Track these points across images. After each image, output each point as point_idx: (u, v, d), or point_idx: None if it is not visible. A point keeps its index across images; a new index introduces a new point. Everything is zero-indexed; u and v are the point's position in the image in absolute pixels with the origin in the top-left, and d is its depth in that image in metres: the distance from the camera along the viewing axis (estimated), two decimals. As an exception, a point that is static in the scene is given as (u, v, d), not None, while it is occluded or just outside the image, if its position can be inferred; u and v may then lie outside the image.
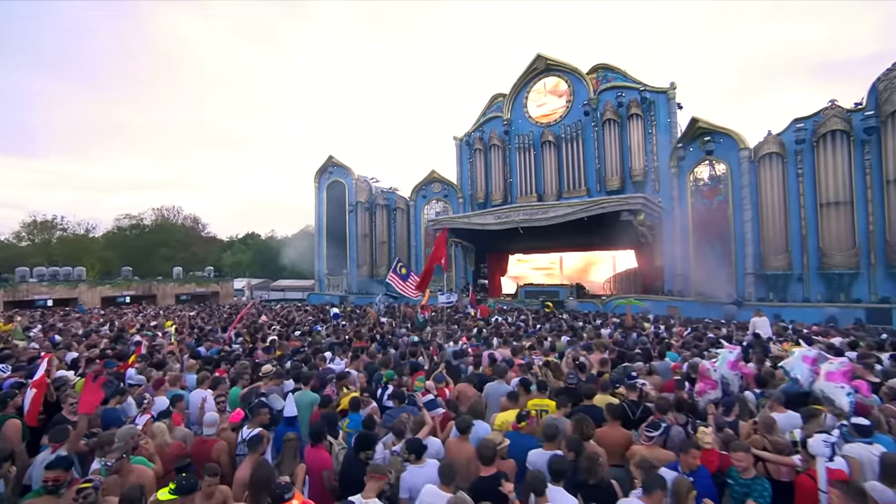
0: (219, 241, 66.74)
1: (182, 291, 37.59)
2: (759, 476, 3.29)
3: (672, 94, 23.37)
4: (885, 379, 5.75)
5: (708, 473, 3.35)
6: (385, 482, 2.96)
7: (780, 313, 17.73)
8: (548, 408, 4.76)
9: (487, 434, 3.96)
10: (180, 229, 54.68)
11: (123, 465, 3.32)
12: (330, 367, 6.83)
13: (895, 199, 16.73)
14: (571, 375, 5.34)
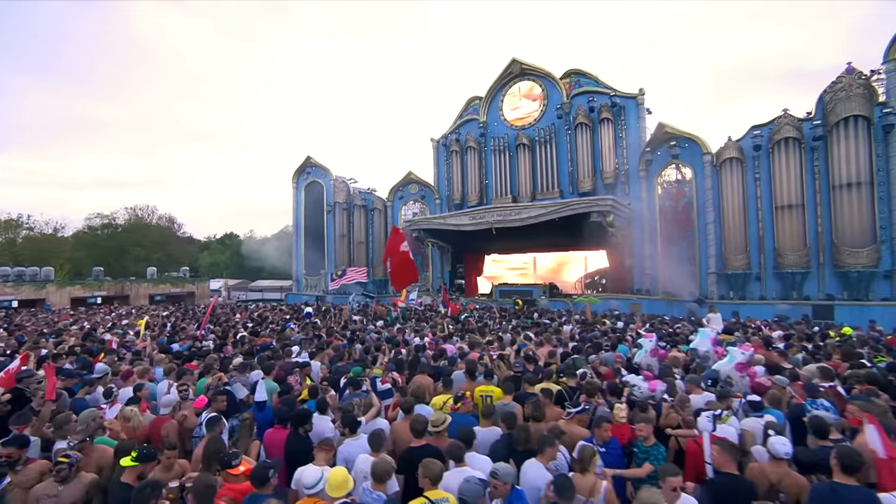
0: (196, 241, 65.72)
1: (156, 292, 37.04)
2: (658, 444, 3.77)
3: (641, 100, 24.21)
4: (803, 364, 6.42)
5: (618, 444, 3.81)
6: (333, 454, 3.33)
7: (739, 310, 18.62)
8: (493, 394, 5.19)
9: (430, 414, 4.35)
10: (155, 229, 53.62)
11: (86, 446, 3.59)
12: (296, 360, 7.15)
13: (841, 203, 17.77)
14: (517, 365, 5.77)
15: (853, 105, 17.45)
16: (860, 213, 17.44)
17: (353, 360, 7.07)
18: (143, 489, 2.64)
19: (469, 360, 6.11)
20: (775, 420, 4.13)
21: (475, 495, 2.67)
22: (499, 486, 2.80)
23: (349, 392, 5.01)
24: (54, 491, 3.05)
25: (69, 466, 3.09)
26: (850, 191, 17.61)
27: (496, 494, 2.84)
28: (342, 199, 31.61)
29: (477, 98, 28.51)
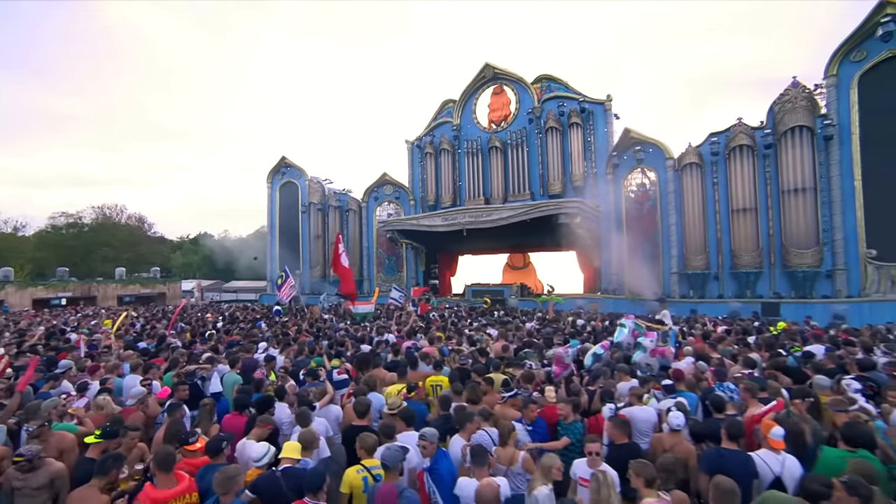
0: (167, 241, 64.39)
1: (125, 293, 36.27)
2: (575, 421, 4.28)
3: (609, 106, 25.07)
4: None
5: (544, 423, 4.30)
6: (268, 430, 3.73)
7: (697, 308, 19.58)
8: (442, 383, 5.64)
9: (380, 402, 4.77)
10: (124, 229, 52.33)
11: (44, 432, 3.84)
12: (261, 355, 7.47)
13: (789, 208, 18.89)
14: (462, 358, 6.26)
15: (798, 116, 18.59)
16: (805, 216, 18.58)
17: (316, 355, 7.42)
18: (106, 460, 2.95)
19: (423, 353, 6.55)
20: (685, 401, 4.67)
21: (394, 459, 3.13)
22: (427, 445, 3.32)
23: (308, 382, 5.40)
24: (22, 476, 3.32)
25: (28, 461, 3.34)
26: (797, 196, 18.73)
27: (425, 453, 3.37)
28: (317, 199, 31.68)
29: (451, 101, 29.03)
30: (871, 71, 17.64)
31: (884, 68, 17.39)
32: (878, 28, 17.00)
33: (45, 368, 6.49)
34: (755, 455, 3.49)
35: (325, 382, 5.12)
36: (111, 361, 6.59)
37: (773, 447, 3.49)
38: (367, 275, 31.30)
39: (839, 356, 6.58)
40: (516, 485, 3.49)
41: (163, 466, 3.03)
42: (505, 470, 3.56)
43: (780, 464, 3.41)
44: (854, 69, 17.98)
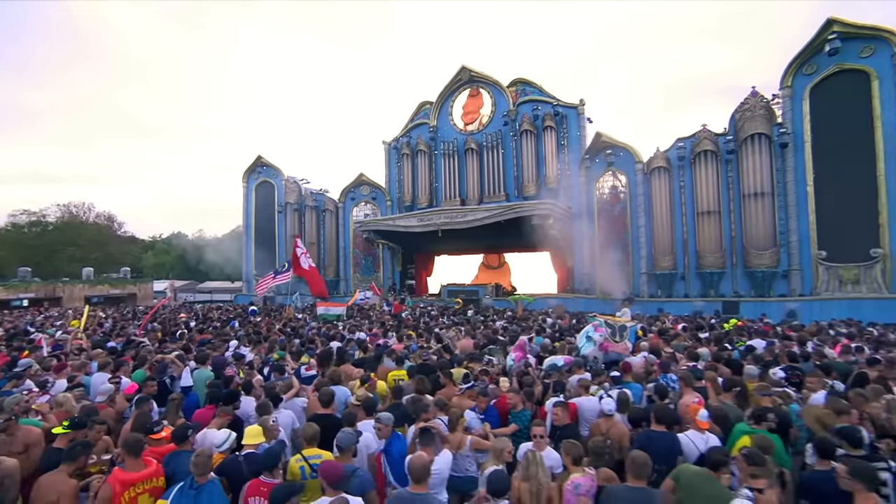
0: (138, 240, 62.73)
1: (93, 293, 35.23)
2: (524, 410, 4.60)
3: (581, 110, 25.69)
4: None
5: (495, 411, 4.62)
6: (228, 419, 3.93)
7: (664, 307, 20.35)
8: (403, 377, 5.91)
9: (345, 394, 5.00)
10: (91, 228, 50.69)
11: (10, 425, 3.93)
12: (231, 352, 7.60)
13: (749, 211, 19.80)
14: (425, 355, 6.55)
15: (757, 124, 19.53)
16: (764, 219, 19.52)
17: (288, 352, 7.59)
18: (75, 447, 3.10)
19: (389, 350, 6.80)
20: (627, 391, 5.04)
21: (347, 441, 3.39)
22: (381, 428, 3.63)
23: (275, 377, 5.59)
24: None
25: None
26: (757, 200, 19.65)
27: (380, 435, 3.71)
28: (293, 199, 31.52)
29: (428, 103, 29.29)
30: (821, 83, 18.69)
31: (832, 81, 18.45)
32: (825, 44, 18.03)
33: (7, 368, 6.49)
34: (682, 435, 3.86)
35: (290, 377, 5.32)
36: (79, 360, 6.62)
37: (699, 428, 3.87)
38: (343, 275, 31.28)
39: (776, 349, 7.11)
40: (464, 467, 3.78)
41: (132, 451, 3.19)
42: (455, 454, 3.85)
43: (704, 442, 3.79)
44: (806, 81, 19.01)
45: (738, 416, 4.21)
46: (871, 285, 17.68)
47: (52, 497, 3.03)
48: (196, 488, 2.94)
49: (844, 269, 18.34)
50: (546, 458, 3.35)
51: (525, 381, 5.31)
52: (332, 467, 2.88)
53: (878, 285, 17.49)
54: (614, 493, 2.78)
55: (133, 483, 3.13)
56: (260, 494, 3.02)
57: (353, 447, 3.39)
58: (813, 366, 5.94)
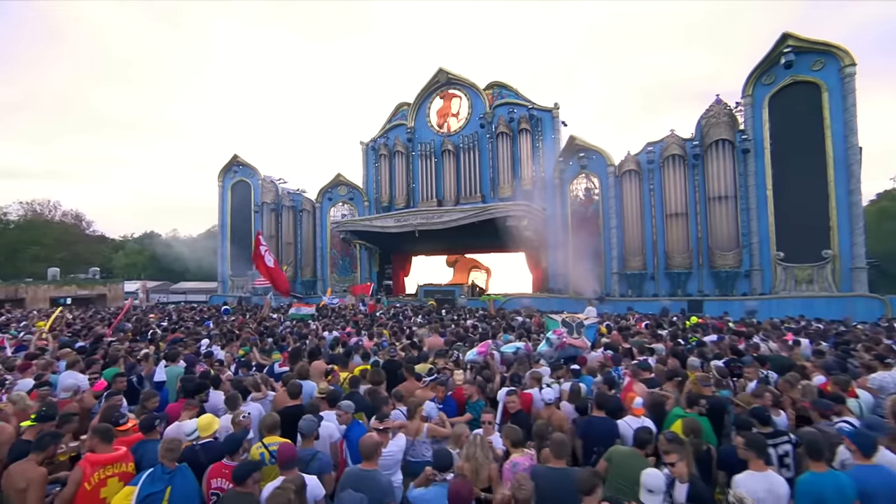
0: (108, 240, 61.01)
1: (59, 294, 34.17)
2: (479, 400, 4.93)
3: (556, 113, 26.28)
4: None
5: (454, 402, 4.93)
6: (195, 411, 4.13)
7: (633, 306, 21.06)
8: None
9: (312, 388, 5.24)
10: (57, 227, 49.04)
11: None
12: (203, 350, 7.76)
13: (714, 213, 20.68)
14: (392, 351, 6.84)
15: (721, 130, 20.42)
16: (728, 221, 20.40)
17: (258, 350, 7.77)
18: (44, 437, 3.26)
19: (359, 346, 7.05)
20: (581, 384, 5.40)
21: (308, 427, 3.65)
22: (342, 415, 3.89)
23: (242, 372, 5.78)
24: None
25: None
26: (721, 203, 20.52)
27: (341, 421, 3.98)
28: (270, 199, 31.29)
29: (405, 104, 29.49)
30: (779, 93, 19.68)
31: (788, 91, 19.47)
32: (781, 57, 19.01)
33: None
34: (621, 421, 4.23)
35: (256, 373, 5.53)
36: (45, 359, 6.64)
37: (634, 414, 4.25)
38: (320, 275, 31.20)
39: (723, 344, 7.63)
40: (421, 452, 4.08)
41: (103, 438, 3.36)
42: (413, 441, 4.15)
43: (639, 426, 4.16)
44: (765, 91, 19.98)
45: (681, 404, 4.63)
46: (822, 284, 18.71)
47: (21, 485, 3.16)
48: (168, 473, 3.12)
49: (799, 269, 19.35)
50: (494, 442, 3.67)
51: (485, 374, 5.64)
52: (286, 449, 3.13)
53: (829, 284, 18.54)
54: (537, 472, 3.12)
55: (102, 465, 3.29)
56: (222, 476, 3.23)
57: (315, 432, 3.64)
58: (751, 358, 6.43)
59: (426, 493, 3.00)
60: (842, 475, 2.92)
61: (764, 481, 2.92)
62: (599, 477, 2.94)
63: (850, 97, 18.09)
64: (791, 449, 3.54)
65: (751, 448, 3.03)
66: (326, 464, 3.46)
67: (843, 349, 7.18)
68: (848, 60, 18.05)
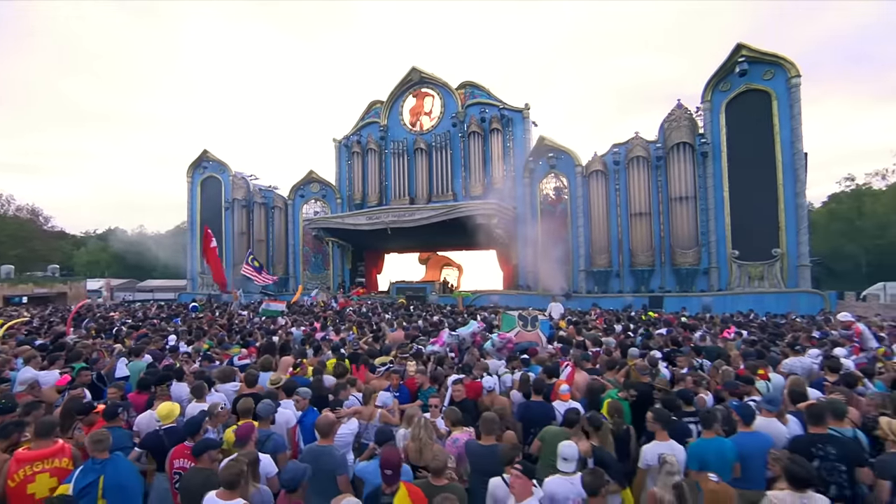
0: (69, 236, 58.79)
1: (14, 293, 32.81)
2: (431, 387, 5.29)
3: (527, 114, 26.82)
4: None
5: (406, 390, 5.28)
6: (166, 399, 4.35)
7: (599, 302, 21.80)
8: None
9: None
10: (11, 222, 46.92)
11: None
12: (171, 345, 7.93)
13: (676, 213, 21.62)
14: (355, 345, 7.15)
15: (682, 134, 21.36)
16: (688, 221, 21.37)
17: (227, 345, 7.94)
18: (8, 425, 3.41)
19: (328, 341, 7.33)
20: (529, 373, 5.80)
21: (266, 411, 3.95)
22: (299, 400, 4.27)
23: (203, 365, 6.01)
24: None
25: None
26: (682, 203, 21.47)
27: (298, 407, 4.32)
28: (241, 195, 30.89)
29: (378, 102, 29.57)
30: (735, 100, 20.73)
31: (743, 98, 20.54)
32: (735, 66, 20.05)
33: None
34: (557, 403, 4.65)
35: (222, 364, 5.75)
36: (2, 356, 6.63)
37: (561, 399, 4.69)
38: (292, 272, 31.01)
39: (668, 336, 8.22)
40: (373, 435, 4.40)
41: (39, 433, 3.41)
42: (366, 425, 4.47)
43: (568, 408, 4.58)
44: (722, 97, 21.01)
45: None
46: (772, 281, 19.88)
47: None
48: (100, 463, 3.17)
49: (752, 267, 20.47)
50: (439, 423, 4.04)
51: (445, 364, 6.02)
52: (245, 427, 3.42)
53: (778, 281, 19.71)
54: (469, 447, 3.53)
55: (30, 461, 3.26)
56: (184, 456, 3.47)
57: (271, 416, 3.93)
58: (689, 349, 7.00)
59: (369, 465, 3.35)
60: (726, 441, 3.44)
61: (667, 448, 3.37)
62: (518, 449, 3.34)
63: (795, 106, 19.26)
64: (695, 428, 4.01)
65: (657, 421, 3.49)
66: (281, 444, 3.75)
67: (771, 339, 7.86)
68: (794, 72, 19.20)
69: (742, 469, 3.40)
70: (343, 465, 3.55)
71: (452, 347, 7.19)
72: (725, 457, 3.39)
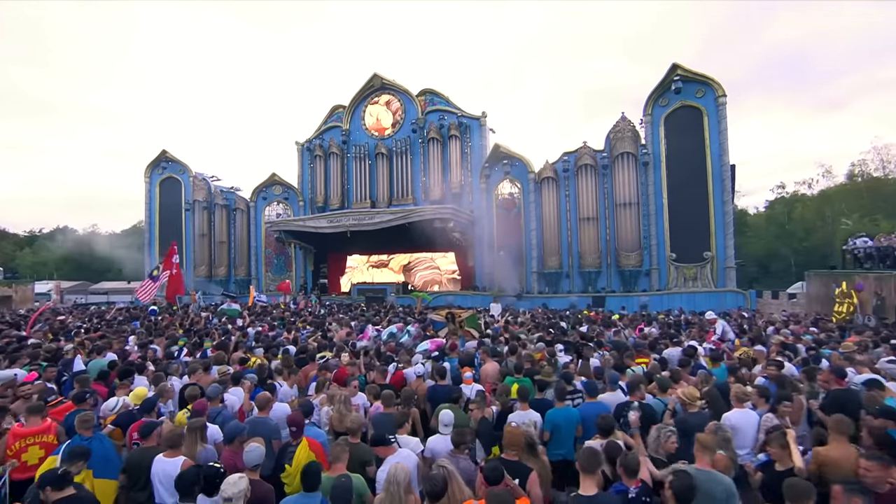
0: (11, 235, 56.10)
1: (-52, 297, 31.30)
2: (361, 375, 6.20)
3: (484, 122, 27.95)
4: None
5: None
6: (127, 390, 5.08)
7: (548, 302, 23.21)
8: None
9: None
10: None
11: None
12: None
13: (620, 218, 23.22)
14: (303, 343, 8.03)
15: (626, 144, 22.99)
16: (632, 225, 23.00)
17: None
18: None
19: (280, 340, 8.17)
20: (446, 365, 6.75)
21: (214, 392, 4.78)
22: (245, 383, 5.01)
23: (167, 361, 6.75)
24: None
25: None
26: (626, 209, 23.09)
27: (246, 389, 5.15)
28: (202, 197, 30.74)
29: (340, 106, 30.11)
30: (672, 114, 22.56)
31: (679, 113, 22.40)
32: (672, 84, 21.86)
33: None
34: (463, 386, 5.62)
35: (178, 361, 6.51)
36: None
37: (465, 383, 5.69)
38: (255, 274, 31.11)
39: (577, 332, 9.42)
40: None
41: (32, 412, 4.20)
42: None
43: (470, 390, 5.56)
44: (661, 111, 22.79)
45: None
46: (703, 281, 21.78)
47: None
48: (87, 440, 3.88)
49: (687, 268, 22.33)
50: (357, 399, 5.02)
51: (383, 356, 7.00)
52: (200, 403, 4.26)
53: (708, 281, 21.62)
54: (375, 415, 4.47)
55: (23, 436, 4.08)
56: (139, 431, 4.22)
57: (219, 396, 4.79)
58: (594, 344, 8.17)
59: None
60: (572, 410, 4.54)
61: (525, 416, 4.42)
62: (406, 416, 4.30)
63: (722, 122, 21.23)
64: (581, 401, 5.09)
65: (519, 396, 4.55)
66: (228, 418, 4.55)
67: (673, 335, 9.15)
68: (721, 91, 21.17)
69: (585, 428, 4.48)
70: (276, 433, 4.39)
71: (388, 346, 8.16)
72: (571, 421, 4.45)
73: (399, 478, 2.89)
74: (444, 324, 8.91)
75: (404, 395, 5.12)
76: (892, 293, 13.98)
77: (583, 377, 5.60)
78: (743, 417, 4.14)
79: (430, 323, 9.99)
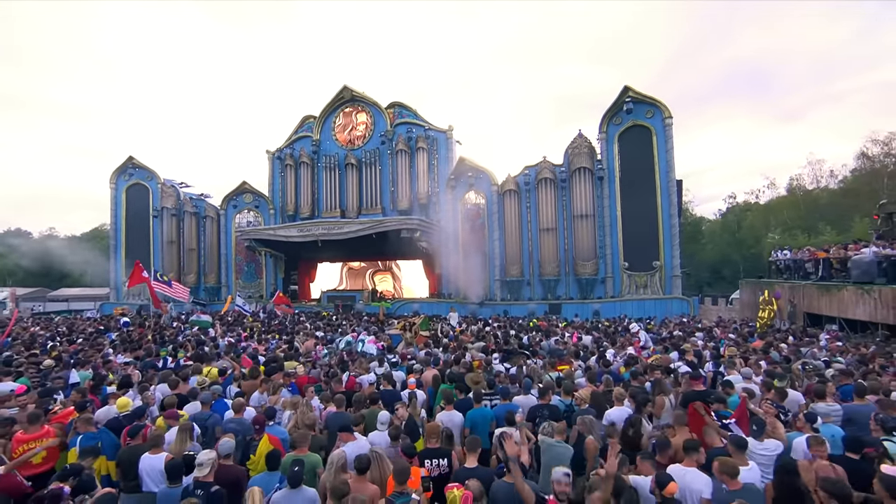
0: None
1: None
2: (318, 384, 7.14)
3: (450, 135, 29.11)
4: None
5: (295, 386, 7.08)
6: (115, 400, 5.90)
7: (509, 309, 24.49)
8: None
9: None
10: None
11: None
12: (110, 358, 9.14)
13: (577, 229, 24.70)
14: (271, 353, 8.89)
15: (582, 159, 24.50)
16: (588, 236, 24.49)
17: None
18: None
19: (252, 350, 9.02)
20: (395, 373, 7.76)
21: (206, 399, 5.63)
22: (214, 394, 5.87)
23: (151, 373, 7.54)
24: None
25: None
26: (583, 220, 24.55)
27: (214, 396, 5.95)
28: (171, 204, 30.69)
29: (311, 117, 30.74)
30: (625, 132, 24.23)
31: (631, 132, 24.09)
32: (623, 105, 23.56)
33: None
34: (403, 392, 6.65)
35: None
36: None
37: (409, 388, 6.72)
38: (225, 282, 31.26)
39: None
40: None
41: (30, 421, 4.89)
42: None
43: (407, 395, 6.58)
44: (615, 129, 24.44)
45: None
46: (653, 288, 23.47)
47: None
48: (96, 434, 4.85)
49: (638, 277, 23.98)
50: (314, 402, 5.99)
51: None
52: (171, 412, 5.17)
53: (657, 288, 23.33)
54: (329, 415, 5.46)
55: (26, 441, 4.80)
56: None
57: (210, 402, 5.72)
58: (529, 352, 9.33)
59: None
60: (487, 410, 5.63)
61: (449, 416, 5.49)
62: (363, 417, 5.33)
63: (669, 141, 23.02)
64: (499, 400, 6.17)
65: (444, 398, 5.63)
66: (218, 421, 5.48)
67: (599, 341, 10.44)
68: (667, 113, 22.98)
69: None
70: (249, 430, 5.28)
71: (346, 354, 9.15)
72: (486, 419, 5.53)
73: (334, 459, 3.97)
74: (401, 337, 9.92)
75: (355, 399, 6.10)
76: (801, 301, 15.81)
77: (509, 383, 6.72)
78: (617, 413, 5.32)
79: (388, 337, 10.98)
